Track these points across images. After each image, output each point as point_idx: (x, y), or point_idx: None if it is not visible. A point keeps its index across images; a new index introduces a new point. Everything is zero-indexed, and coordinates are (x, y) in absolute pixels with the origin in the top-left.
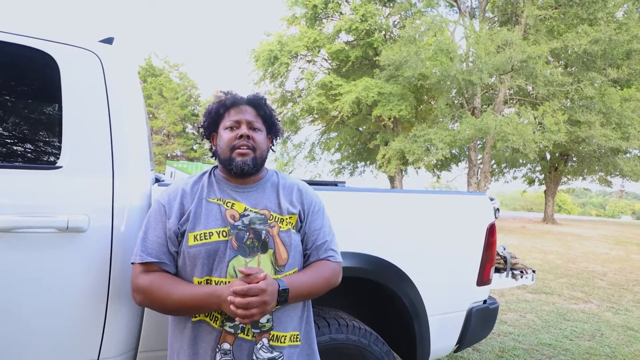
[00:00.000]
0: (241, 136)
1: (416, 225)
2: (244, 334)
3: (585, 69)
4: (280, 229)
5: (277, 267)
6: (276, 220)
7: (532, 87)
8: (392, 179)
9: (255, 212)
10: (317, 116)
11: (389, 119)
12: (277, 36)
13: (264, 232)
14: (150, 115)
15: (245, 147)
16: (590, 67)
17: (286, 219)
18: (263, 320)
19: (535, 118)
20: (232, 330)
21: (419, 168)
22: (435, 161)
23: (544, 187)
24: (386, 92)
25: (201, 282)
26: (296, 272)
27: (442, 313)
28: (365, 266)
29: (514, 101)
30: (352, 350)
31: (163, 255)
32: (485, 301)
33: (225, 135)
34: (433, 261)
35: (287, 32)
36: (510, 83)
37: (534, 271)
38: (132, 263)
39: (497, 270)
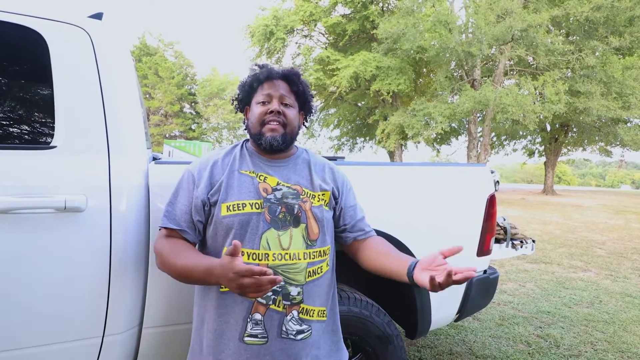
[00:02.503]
0: (272, 111)
1: (416, 197)
2: (275, 305)
3: (587, 37)
4: (313, 204)
5: (308, 242)
6: (308, 195)
7: (533, 58)
8: (391, 154)
9: (287, 186)
10: (315, 92)
11: (388, 93)
12: (272, 10)
13: (296, 206)
14: (147, 96)
15: (275, 123)
16: (592, 36)
17: (318, 195)
18: (294, 292)
19: (535, 89)
20: (263, 301)
21: (419, 142)
22: (434, 135)
23: (543, 159)
24: (384, 66)
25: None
26: (329, 248)
27: None
28: None
29: (514, 72)
30: (354, 321)
31: (184, 223)
32: (485, 271)
33: (256, 110)
34: (433, 233)
35: (283, 6)
36: (510, 53)
37: (533, 241)
38: (159, 228)
39: (497, 241)
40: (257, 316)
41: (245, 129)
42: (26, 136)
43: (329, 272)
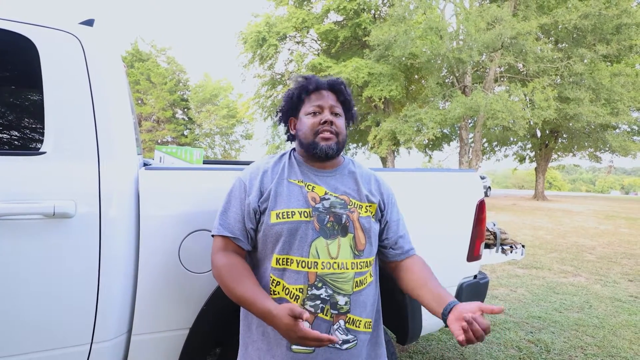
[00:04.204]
0: (325, 121)
1: (406, 202)
2: (323, 314)
3: (575, 44)
4: (360, 215)
5: (356, 252)
6: (355, 206)
7: (523, 65)
8: (384, 160)
9: (335, 196)
10: None
11: (380, 99)
12: (265, 17)
13: (344, 216)
14: (139, 102)
15: (328, 132)
16: (581, 43)
17: (365, 205)
18: (342, 302)
19: (525, 95)
20: (312, 310)
21: (411, 148)
22: (426, 141)
23: (534, 165)
24: (376, 72)
25: (279, 259)
26: (374, 259)
27: None
28: None
29: (504, 79)
30: None
31: (238, 231)
32: (475, 276)
33: (308, 121)
34: (423, 238)
35: (275, 13)
36: (501, 60)
37: (523, 246)
38: (212, 235)
39: (487, 246)
40: (306, 324)
41: (288, 140)
42: (16, 142)
43: (373, 282)
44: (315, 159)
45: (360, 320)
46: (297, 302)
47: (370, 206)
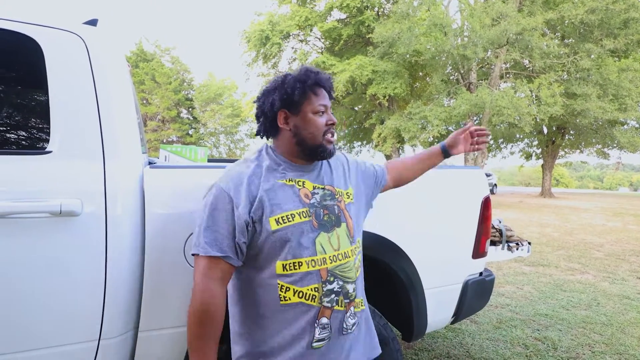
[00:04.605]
0: (332, 123)
1: (411, 200)
2: (338, 305)
3: (582, 40)
4: (345, 202)
5: (351, 239)
6: (340, 194)
7: (528, 61)
8: (388, 158)
9: (322, 188)
10: None
11: (384, 97)
12: (268, 15)
13: (335, 207)
14: (144, 101)
15: (332, 135)
16: (587, 38)
17: (346, 192)
18: (351, 289)
19: (531, 91)
20: (329, 305)
21: (415, 146)
22: (431, 138)
23: (541, 162)
24: (380, 70)
25: (286, 264)
26: (360, 240)
27: (438, 286)
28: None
29: (510, 75)
30: None
31: (228, 248)
32: (481, 273)
33: (317, 120)
34: (429, 236)
35: (279, 11)
36: (506, 57)
37: (529, 243)
38: (194, 254)
39: (493, 243)
40: (324, 320)
41: (264, 136)
42: (22, 141)
43: (362, 262)
44: (308, 157)
45: (360, 300)
46: (314, 302)
47: (348, 191)
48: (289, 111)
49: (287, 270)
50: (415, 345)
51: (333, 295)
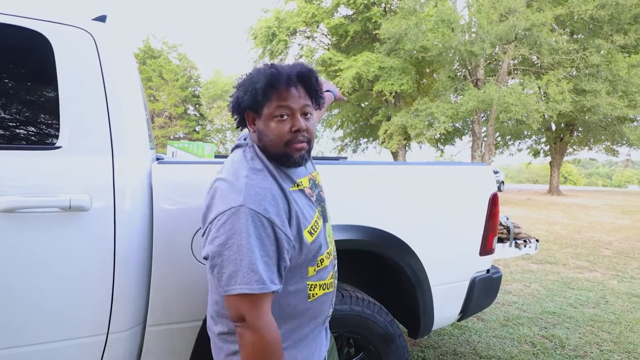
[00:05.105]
0: (297, 130)
1: (418, 197)
2: (335, 279)
3: (591, 35)
4: (321, 183)
5: (328, 219)
6: (316, 177)
7: (537, 57)
8: (395, 155)
9: (310, 180)
10: None
11: (391, 93)
12: (274, 12)
13: (322, 194)
14: (152, 98)
15: (301, 143)
16: (597, 34)
17: (316, 174)
18: (336, 266)
19: (539, 88)
20: (334, 281)
21: (422, 143)
22: (438, 135)
23: (549, 159)
24: (387, 66)
25: (315, 268)
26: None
27: (445, 283)
28: (368, 239)
29: (518, 71)
30: (356, 320)
31: (277, 279)
32: (488, 270)
33: (276, 127)
34: (436, 232)
35: (285, 8)
36: (514, 53)
37: (537, 240)
38: (241, 294)
39: (501, 240)
40: (335, 299)
41: (239, 127)
42: (32, 137)
43: None
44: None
45: None
46: (332, 287)
47: (316, 172)
48: (254, 112)
49: (316, 271)
50: (421, 342)
51: (336, 273)
